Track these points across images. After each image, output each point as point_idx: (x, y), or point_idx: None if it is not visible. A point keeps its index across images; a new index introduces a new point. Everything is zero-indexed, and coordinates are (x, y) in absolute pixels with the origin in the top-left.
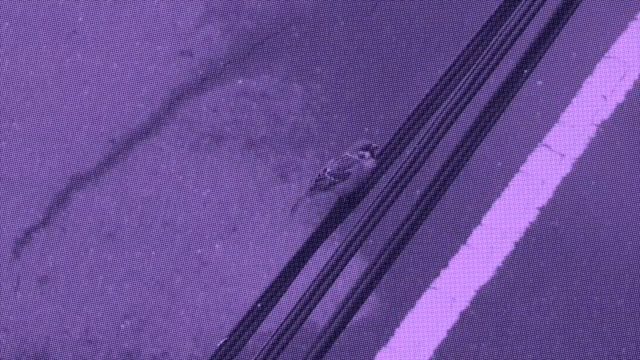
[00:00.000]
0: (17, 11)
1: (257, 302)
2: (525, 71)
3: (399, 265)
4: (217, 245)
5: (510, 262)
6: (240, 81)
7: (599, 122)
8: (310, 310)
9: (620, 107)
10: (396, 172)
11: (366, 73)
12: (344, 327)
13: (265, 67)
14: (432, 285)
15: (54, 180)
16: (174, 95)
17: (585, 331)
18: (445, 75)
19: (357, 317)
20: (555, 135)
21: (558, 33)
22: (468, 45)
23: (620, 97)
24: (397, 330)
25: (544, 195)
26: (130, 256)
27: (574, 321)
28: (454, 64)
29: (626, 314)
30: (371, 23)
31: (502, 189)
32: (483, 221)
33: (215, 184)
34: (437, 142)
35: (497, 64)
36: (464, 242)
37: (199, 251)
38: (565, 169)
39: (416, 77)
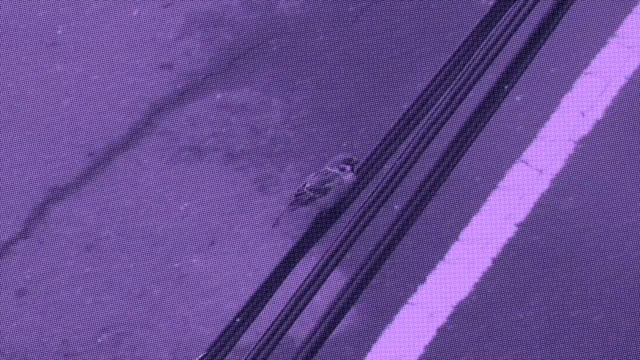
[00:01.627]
0: None
1: (237, 316)
2: (506, 87)
3: (377, 280)
4: (196, 258)
5: (489, 277)
6: (220, 94)
7: (578, 139)
8: (290, 324)
9: (599, 123)
10: (376, 187)
11: (346, 86)
12: (323, 342)
13: (245, 79)
14: (410, 300)
15: (32, 191)
16: (154, 108)
17: (566, 346)
18: (426, 89)
19: (335, 332)
20: (534, 151)
21: (539, 48)
22: (449, 61)
23: (599, 114)
24: (374, 345)
25: (522, 211)
26: (109, 268)
27: (554, 336)
28: (434, 79)
29: (606, 327)
30: (352, 36)
31: (481, 205)
32: (461, 236)
33: (194, 196)
34: (418, 157)
35: (477, 79)
36: (442, 258)
37: (177, 264)
38: (543, 184)
39: (397, 91)
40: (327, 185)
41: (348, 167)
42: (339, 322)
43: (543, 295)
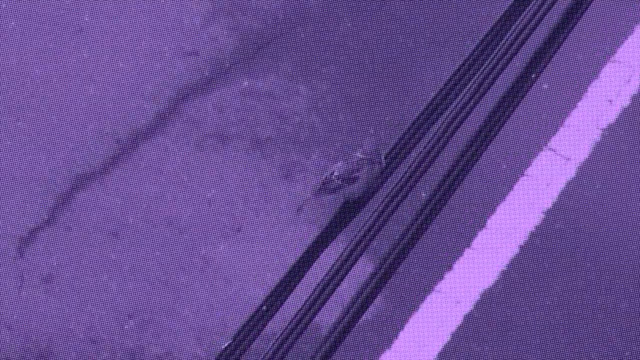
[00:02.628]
0: (24, 9)
1: (263, 303)
2: (533, 75)
3: (403, 268)
4: (221, 245)
5: (515, 264)
6: (246, 81)
7: (604, 126)
8: (316, 312)
9: (625, 111)
10: (403, 175)
11: (372, 73)
12: (349, 330)
13: (271, 67)
14: (436, 288)
15: (58, 178)
16: (180, 95)
17: (589, 334)
18: (452, 77)
19: (361, 319)
20: (561, 139)
21: (566, 36)
22: (476, 48)
23: (625, 101)
24: (401, 332)
25: (548, 199)
26: (135, 255)
27: (578, 324)
28: (461, 66)
29: (630, 316)
30: (378, 23)
31: (507, 192)
32: (487, 224)
33: (220, 183)
34: (444, 145)
35: (504, 66)
36: (469, 245)
37: (203, 250)
38: (570, 172)
39: (423, 78)
40: (355, 174)
41: (376, 157)
42: (365, 309)
43: (568, 283)
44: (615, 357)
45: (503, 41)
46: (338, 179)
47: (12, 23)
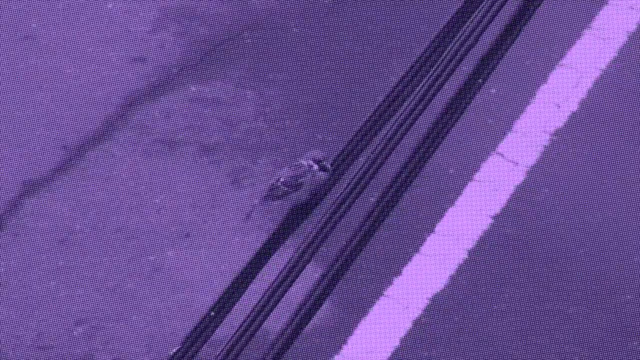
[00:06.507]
0: None
1: (211, 309)
2: (480, 79)
3: (352, 273)
4: (170, 251)
5: (464, 269)
6: (193, 87)
7: (553, 131)
8: (265, 317)
9: (574, 116)
10: (351, 180)
11: (320, 79)
12: (297, 335)
13: (219, 73)
14: (385, 293)
15: (6, 185)
16: (128, 101)
17: (540, 338)
18: (400, 82)
19: (310, 324)
20: (509, 144)
21: (514, 41)
22: (423, 53)
23: (574, 106)
24: (350, 338)
25: (497, 203)
26: (83, 261)
27: (529, 328)
28: (408, 72)
29: (579, 321)
30: (325, 29)
31: (456, 197)
32: (436, 229)
33: (168, 189)
34: (392, 150)
35: (452, 71)
36: (417, 250)
37: (152, 257)
38: (518, 177)
39: (371, 84)
40: (300, 180)
41: (319, 165)
42: (313, 315)
43: (518, 288)
44: None
45: (450, 46)
46: (284, 185)
47: None
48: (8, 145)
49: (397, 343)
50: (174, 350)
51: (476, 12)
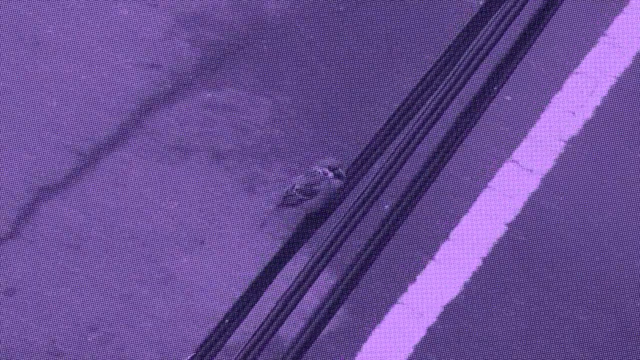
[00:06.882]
0: None
1: (226, 316)
2: (495, 87)
3: (366, 280)
4: (184, 258)
5: (478, 277)
6: (207, 94)
7: (567, 138)
8: (280, 324)
9: (588, 123)
10: (365, 187)
11: (334, 86)
12: (312, 342)
13: (233, 79)
14: (400, 300)
15: (21, 192)
16: (142, 108)
17: (552, 345)
18: (415, 89)
19: (324, 331)
20: (524, 151)
21: (529, 48)
22: (438, 60)
23: (588, 113)
24: (364, 345)
25: (511, 211)
26: (97, 268)
27: (541, 335)
28: (424, 78)
29: (591, 327)
30: (339, 36)
31: (470, 204)
32: (451, 236)
33: (182, 196)
34: (407, 157)
35: (467, 79)
36: (432, 257)
37: (165, 264)
38: (533, 184)
39: (386, 90)
40: (315, 187)
41: (333, 173)
42: (328, 322)
43: (531, 295)
44: None
45: (465, 53)
46: (299, 193)
47: None
48: (22, 151)
49: (411, 350)
50: (188, 358)
51: (491, 20)
